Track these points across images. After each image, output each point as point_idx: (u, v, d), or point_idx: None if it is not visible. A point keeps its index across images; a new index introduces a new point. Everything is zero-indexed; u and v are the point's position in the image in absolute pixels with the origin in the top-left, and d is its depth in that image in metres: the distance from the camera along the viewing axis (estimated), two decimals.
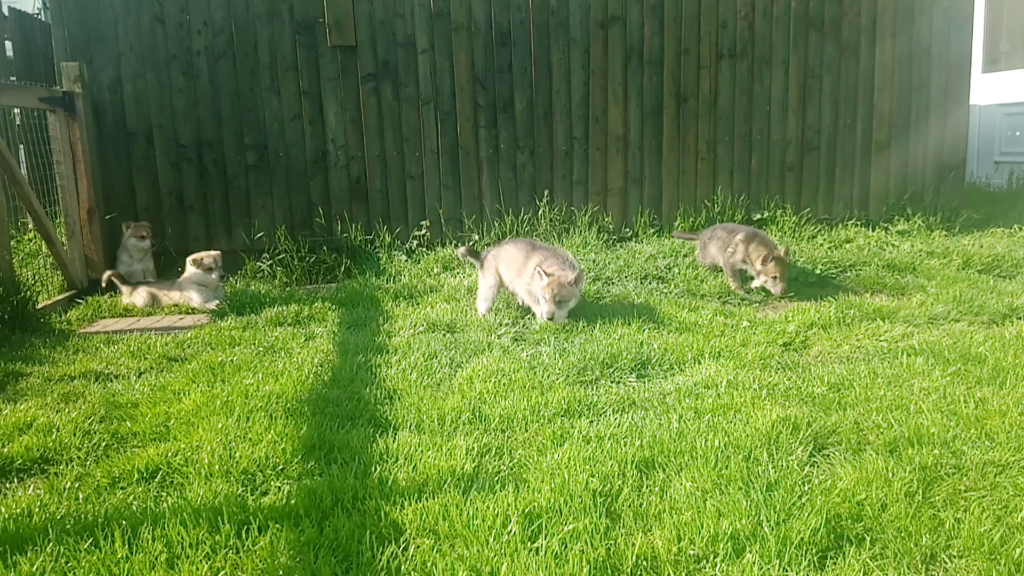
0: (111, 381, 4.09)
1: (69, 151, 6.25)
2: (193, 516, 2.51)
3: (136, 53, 6.69)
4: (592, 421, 3.25)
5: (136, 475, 2.91)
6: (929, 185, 7.52)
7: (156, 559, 2.33)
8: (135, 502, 2.70)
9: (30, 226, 7.06)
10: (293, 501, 2.62)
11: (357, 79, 6.86)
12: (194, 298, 5.80)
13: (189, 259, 5.86)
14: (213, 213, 6.93)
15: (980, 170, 10.04)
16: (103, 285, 6.11)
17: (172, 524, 2.47)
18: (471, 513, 2.47)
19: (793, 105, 7.28)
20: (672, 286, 5.64)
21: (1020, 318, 4.54)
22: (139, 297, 5.91)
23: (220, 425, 3.24)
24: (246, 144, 6.86)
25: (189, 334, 4.88)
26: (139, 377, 4.12)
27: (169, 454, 3.03)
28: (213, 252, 5.93)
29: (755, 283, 5.49)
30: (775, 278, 5.22)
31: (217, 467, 2.89)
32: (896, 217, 7.35)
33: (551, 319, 4.63)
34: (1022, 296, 4.95)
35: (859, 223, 7.31)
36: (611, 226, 7.22)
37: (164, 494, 2.78)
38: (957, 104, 7.49)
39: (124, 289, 6.03)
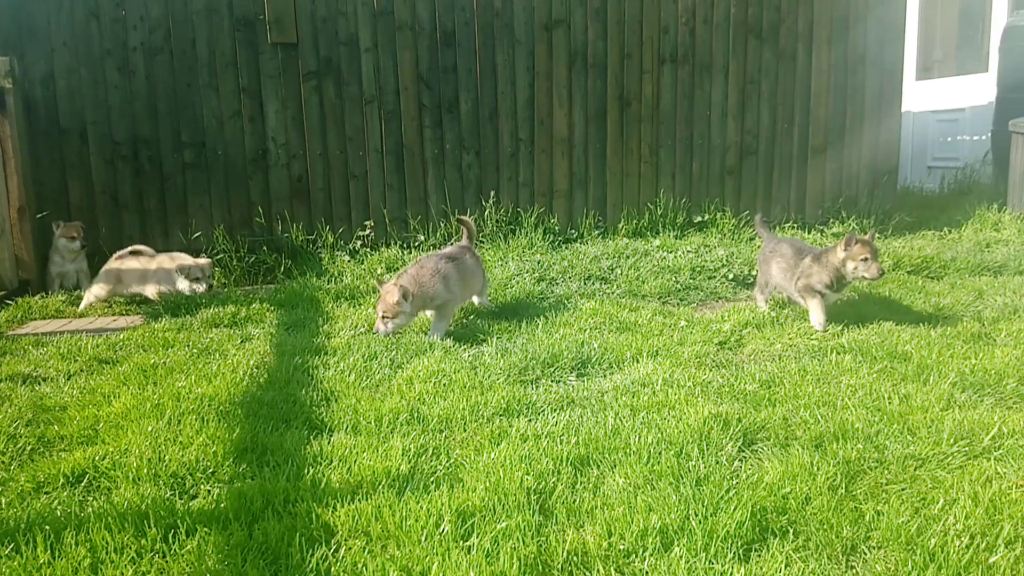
0: (39, 384, 3.97)
1: None
2: (119, 520, 2.45)
3: (70, 48, 6.51)
4: (531, 420, 3.27)
5: (62, 479, 2.82)
6: (863, 189, 7.74)
7: (80, 564, 2.27)
8: (59, 507, 2.62)
9: None
10: (223, 504, 2.57)
11: (299, 77, 6.78)
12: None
13: (176, 266, 5.75)
14: (149, 212, 6.77)
15: (914, 175, 10.39)
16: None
17: (97, 529, 2.41)
18: (404, 513, 2.46)
19: (733, 110, 7.43)
20: (615, 286, 5.70)
21: (946, 317, 4.70)
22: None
23: (150, 428, 3.17)
24: (183, 142, 6.73)
25: (122, 336, 4.76)
26: (68, 380, 4.01)
27: (96, 458, 2.95)
28: (202, 261, 5.86)
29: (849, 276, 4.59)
30: (865, 260, 4.45)
31: (145, 471, 2.82)
32: (831, 220, 7.55)
33: (375, 332, 4.60)
34: (948, 296, 5.13)
35: (796, 225, 7.49)
36: (557, 227, 7.27)
37: (90, 499, 2.71)
38: (890, 110, 7.73)
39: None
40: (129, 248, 5.98)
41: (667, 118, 7.36)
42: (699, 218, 7.39)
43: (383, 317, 4.56)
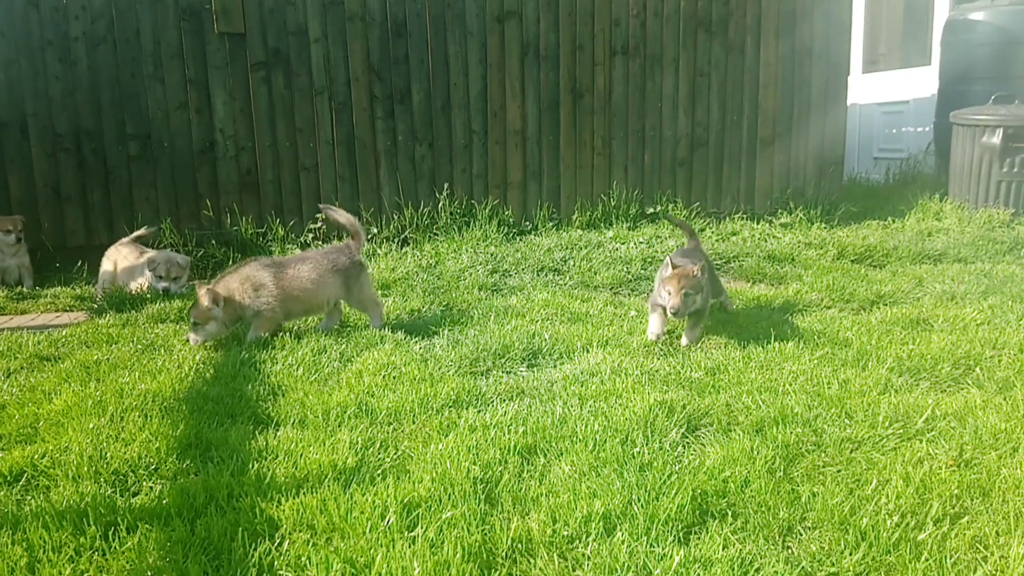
0: None
1: None
2: (57, 519, 2.40)
3: (8, 38, 6.32)
4: (480, 411, 3.28)
5: None
6: (811, 180, 7.89)
7: (16, 564, 2.22)
8: None
9: None
10: (165, 501, 2.54)
11: (247, 68, 6.68)
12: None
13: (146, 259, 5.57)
14: (92, 205, 6.62)
15: (860, 166, 10.62)
16: None
17: (34, 528, 2.36)
18: (350, 506, 2.46)
19: (683, 102, 7.52)
20: (567, 277, 5.74)
21: (886, 304, 4.83)
22: None
23: (91, 425, 3.11)
24: (128, 134, 6.58)
25: (64, 332, 4.65)
26: (7, 377, 3.91)
27: (35, 456, 2.89)
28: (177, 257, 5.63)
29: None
30: (669, 293, 3.99)
31: (86, 468, 2.77)
32: (780, 211, 7.69)
33: (186, 340, 4.34)
34: (889, 284, 5.27)
35: (745, 216, 7.62)
36: (511, 219, 7.28)
37: (28, 497, 2.65)
38: (836, 103, 7.89)
39: None
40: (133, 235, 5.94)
41: (619, 110, 7.41)
42: (651, 209, 7.47)
43: (194, 324, 4.23)
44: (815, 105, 7.80)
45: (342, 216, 4.70)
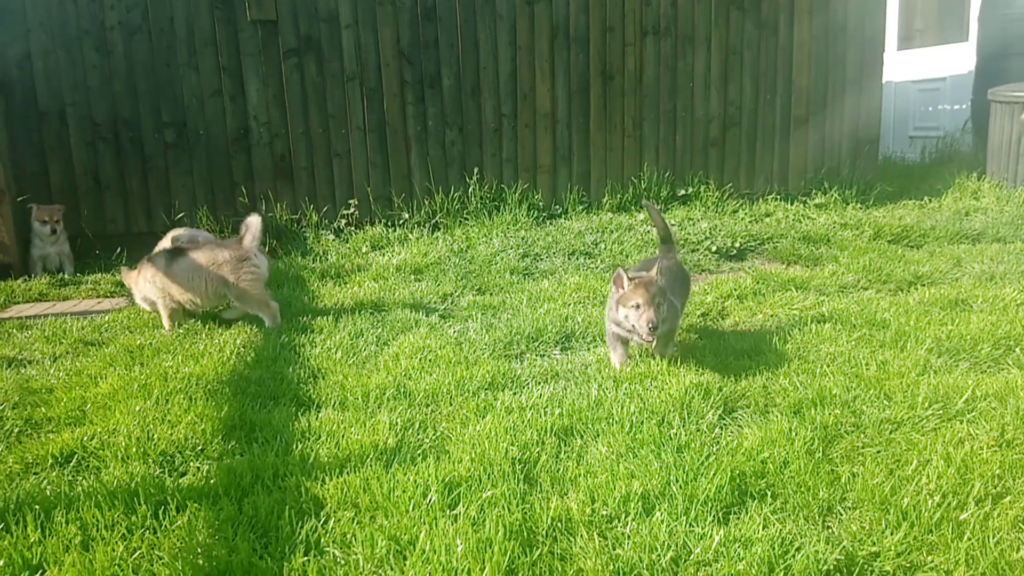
0: (25, 367, 3.98)
1: None
2: (109, 498, 2.48)
3: (46, 28, 6.43)
4: (516, 393, 3.31)
5: (50, 460, 2.85)
6: (845, 159, 7.78)
7: (71, 542, 2.30)
8: (49, 487, 2.65)
9: None
10: (212, 480, 2.61)
11: (279, 54, 6.74)
12: None
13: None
14: (131, 193, 6.74)
15: (895, 145, 10.44)
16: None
17: (87, 507, 2.44)
18: (392, 485, 2.51)
19: (715, 82, 7.44)
20: (599, 261, 5.74)
21: (924, 285, 4.77)
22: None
23: (138, 408, 3.19)
24: (164, 122, 6.68)
25: (107, 318, 4.76)
26: (54, 362, 4.02)
27: (85, 438, 2.98)
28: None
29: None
30: (637, 307, 3.32)
31: (134, 450, 2.85)
32: (814, 191, 7.60)
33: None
34: (927, 264, 5.20)
35: (779, 197, 7.54)
36: (541, 203, 7.28)
37: (79, 478, 2.74)
38: (872, 80, 7.76)
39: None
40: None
41: (650, 91, 7.36)
42: (683, 191, 7.42)
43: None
44: (850, 83, 7.68)
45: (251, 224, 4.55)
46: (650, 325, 3.24)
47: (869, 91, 7.76)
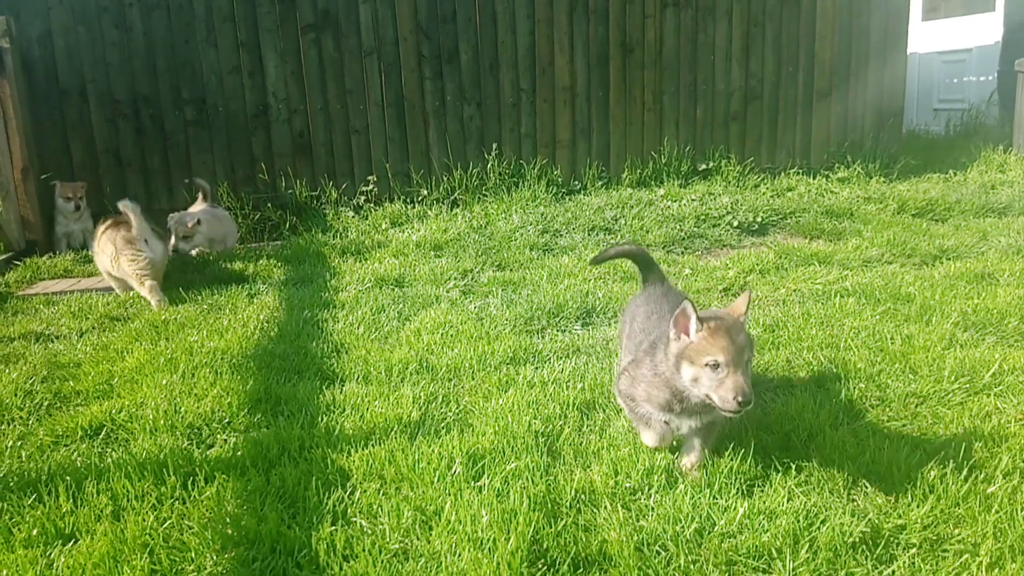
0: (52, 342, 4.04)
1: None
2: (138, 469, 2.52)
3: (66, 6, 6.44)
4: (537, 368, 3.32)
5: (80, 432, 2.89)
6: (868, 133, 7.68)
7: (102, 512, 2.34)
8: (79, 458, 2.69)
9: None
10: (239, 452, 2.64)
11: (297, 30, 6.71)
12: None
13: None
14: (152, 170, 6.77)
15: (919, 117, 10.28)
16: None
17: (117, 478, 2.48)
18: (417, 457, 2.53)
19: (737, 54, 7.34)
20: (619, 236, 5.71)
21: (949, 259, 4.71)
22: None
23: (164, 382, 3.23)
24: (184, 99, 6.69)
25: (131, 294, 4.81)
26: (81, 337, 4.07)
27: (113, 411, 3.02)
28: None
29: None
30: (716, 367, 2.17)
31: (162, 422, 2.89)
32: (836, 165, 7.51)
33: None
34: (952, 238, 5.13)
35: (801, 171, 7.46)
36: (560, 179, 7.24)
37: (109, 450, 2.78)
38: (896, 52, 7.62)
39: None
40: None
41: (670, 64, 7.27)
42: (704, 166, 7.36)
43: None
44: (874, 55, 7.55)
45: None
46: (740, 398, 2.09)
47: (893, 63, 7.63)
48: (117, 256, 4.70)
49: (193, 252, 5.61)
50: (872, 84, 7.61)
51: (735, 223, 5.81)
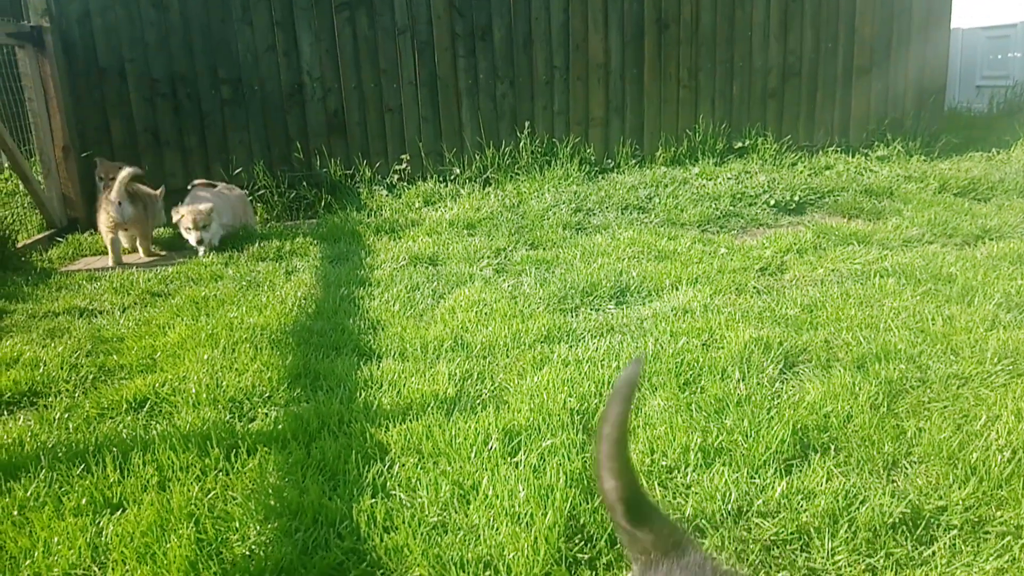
0: (95, 317, 4.13)
1: (40, 88, 6.14)
2: (182, 441, 2.58)
3: None
4: (571, 346, 3.33)
5: (124, 405, 2.97)
6: (909, 110, 7.52)
7: (148, 482, 2.41)
8: (125, 430, 2.76)
9: (4, 165, 6.97)
10: (280, 426, 2.69)
11: (331, 8, 6.72)
12: None
13: None
14: (190, 149, 6.85)
15: (962, 94, 10.03)
16: None
17: (162, 449, 2.54)
18: (454, 432, 2.56)
19: (775, 30, 7.21)
20: (653, 215, 5.67)
21: (992, 239, 4.62)
22: None
23: (206, 356, 3.30)
24: (220, 78, 6.74)
25: (171, 270, 4.89)
26: (123, 312, 4.15)
27: (156, 385, 3.09)
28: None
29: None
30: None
31: (204, 396, 2.95)
32: (876, 143, 7.37)
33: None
34: (995, 218, 5.02)
35: (839, 149, 7.33)
36: (593, 157, 7.20)
37: (153, 422, 2.84)
38: (938, 27, 7.44)
39: None
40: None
41: (707, 40, 7.17)
42: (739, 144, 7.27)
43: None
44: (915, 30, 7.37)
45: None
46: None
47: (936, 38, 7.44)
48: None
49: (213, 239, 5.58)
50: (913, 60, 7.44)
51: (772, 202, 5.74)
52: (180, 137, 6.83)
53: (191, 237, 5.46)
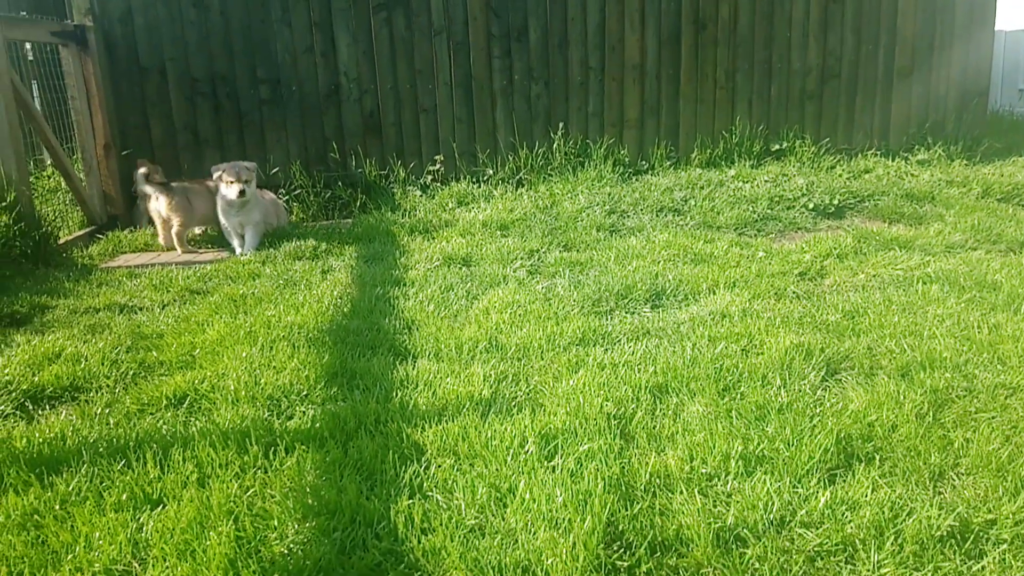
0: (135, 313, 4.18)
1: (83, 86, 6.24)
2: (222, 438, 2.60)
3: None
4: (607, 349, 3.30)
5: (164, 401, 3.00)
6: (951, 113, 7.37)
7: (188, 478, 2.43)
8: (164, 426, 2.79)
9: (47, 162, 7.10)
10: (318, 424, 2.70)
11: (368, 9, 6.76)
12: None
13: None
14: (229, 148, 6.92)
15: (1004, 98, 9.83)
16: None
17: (202, 446, 2.56)
18: (490, 435, 2.55)
19: (814, 31, 7.11)
20: (688, 218, 5.62)
21: None
22: None
23: (244, 354, 3.32)
24: (259, 78, 6.81)
25: (209, 268, 4.95)
26: (163, 309, 4.21)
27: (196, 381, 3.12)
28: None
29: None
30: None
31: (243, 393, 2.97)
32: (916, 147, 7.24)
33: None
34: None
35: (879, 153, 7.21)
36: (627, 159, 7.16)
37: (192, 419, 2.87)
38: (982, 29, 7.28)
39: None
40: None
41: (744, 40, 7.09)
42: (777, 146, 7.18)
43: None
44: (958, 31, 7.23)
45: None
46: None
47: (979, 40, 7.29)
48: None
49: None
50: (956, 62, 7.29)
51: (810, 205, 5.66)
52: (219, 136, 6.91)
53: (231, 191, 5.44)
